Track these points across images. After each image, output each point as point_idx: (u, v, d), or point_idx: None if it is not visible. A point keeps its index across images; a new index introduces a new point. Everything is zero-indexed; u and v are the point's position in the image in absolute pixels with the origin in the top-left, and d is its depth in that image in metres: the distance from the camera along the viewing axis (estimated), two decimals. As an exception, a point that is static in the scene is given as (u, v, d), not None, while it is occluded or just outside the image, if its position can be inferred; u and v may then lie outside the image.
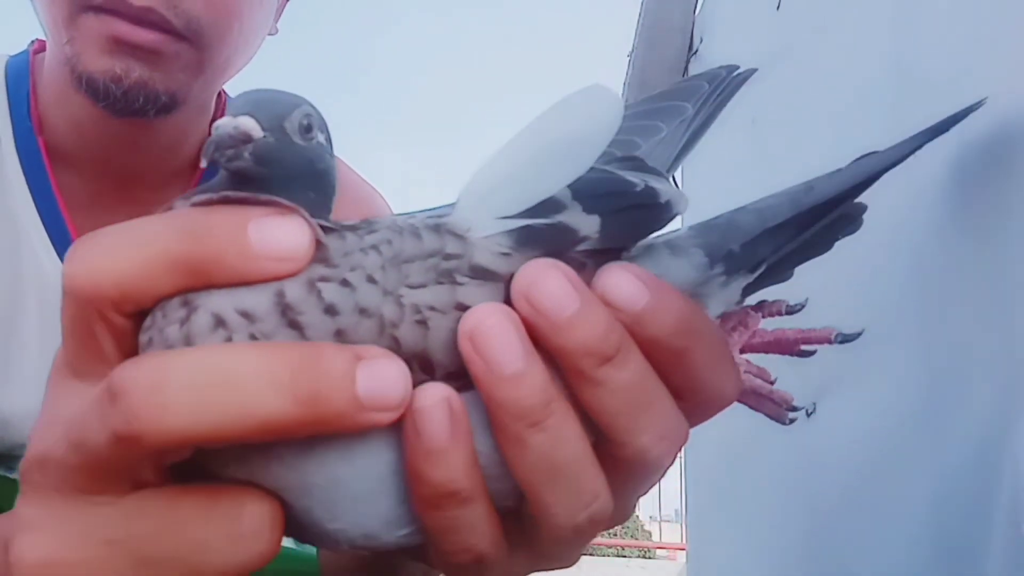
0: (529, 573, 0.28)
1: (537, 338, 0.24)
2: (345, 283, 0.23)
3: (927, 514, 0.45)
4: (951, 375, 0.45)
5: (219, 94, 0.61)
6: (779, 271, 0.33)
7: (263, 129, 0.24)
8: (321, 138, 0.26)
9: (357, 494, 0.24)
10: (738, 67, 0.36)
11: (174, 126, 0.55)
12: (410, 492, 0.24)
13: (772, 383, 0.32)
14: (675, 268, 0.28)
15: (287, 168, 0.25)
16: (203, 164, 0.23)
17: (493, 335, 0.23)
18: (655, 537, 10.80)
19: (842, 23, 0.64)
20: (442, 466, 0.23)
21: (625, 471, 0.26)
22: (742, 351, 0.32)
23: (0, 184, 0.55)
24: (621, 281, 0.25)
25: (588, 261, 0.26)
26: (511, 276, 0.24)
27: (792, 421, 0.33)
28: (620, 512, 0.27)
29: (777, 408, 0.32)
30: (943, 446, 0.44)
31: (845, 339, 0.32)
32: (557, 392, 0.24)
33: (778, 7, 0.77)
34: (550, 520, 0.25)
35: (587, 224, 0.26)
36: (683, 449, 0.28)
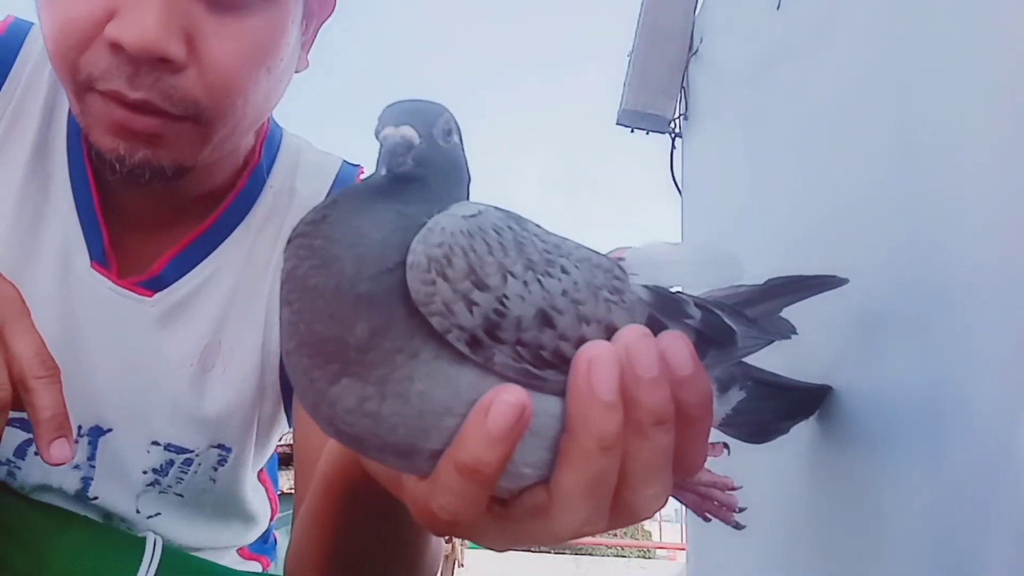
0: (501, 544, 0.34)
1: (624, 387, 0.30)
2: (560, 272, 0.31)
3: (929, 515, 0.45)
4: (953, 379, 0.45)
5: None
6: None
7: (419, 136, 0.30)
8: (456, 139, 0.33)
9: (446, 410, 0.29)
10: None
11: (196, 172, 0.56)
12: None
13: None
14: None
15: (435, 168, 0.31)
16: (381, 172, 0.29)
17: (604, 366, 0.29)
18: (655, 537, 10.78)
19: (842, 23, 0.64)
20: (495, 450, 0.29)
21: (618, 508, 0.32)
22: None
23: (47, 182, 0.58)
24: (679, 347, 0.31)
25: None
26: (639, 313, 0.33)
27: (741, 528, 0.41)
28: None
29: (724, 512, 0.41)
30: (945, 449, 0.44)
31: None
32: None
33: (778, 7, 0.77)
34: (557, 520, 0.31)
35: (694, 311, 0.36)
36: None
